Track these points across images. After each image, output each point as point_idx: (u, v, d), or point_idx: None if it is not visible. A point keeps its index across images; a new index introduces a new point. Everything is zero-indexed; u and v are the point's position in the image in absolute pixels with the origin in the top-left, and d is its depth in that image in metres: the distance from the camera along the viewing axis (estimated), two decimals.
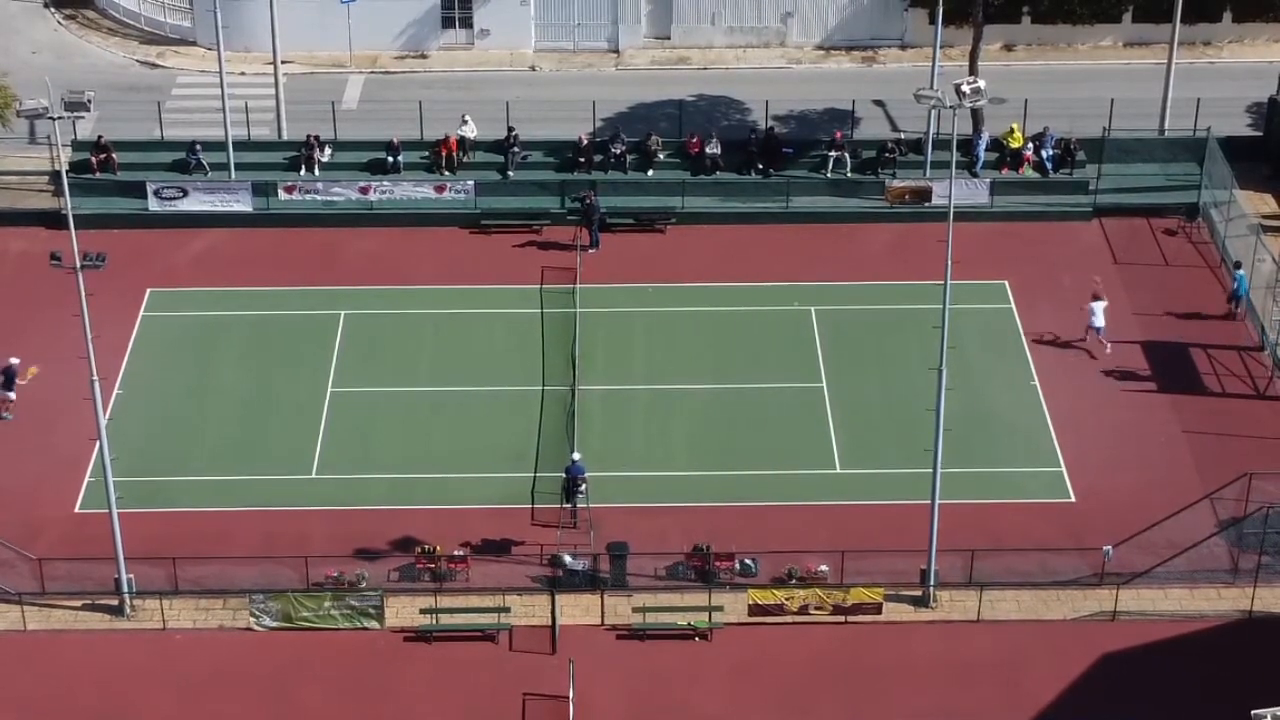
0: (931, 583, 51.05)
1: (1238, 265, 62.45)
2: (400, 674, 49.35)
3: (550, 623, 50.14)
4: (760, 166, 68.03)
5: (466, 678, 49.23)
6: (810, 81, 75.74)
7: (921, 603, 51.27)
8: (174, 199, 66.85)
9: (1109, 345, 59.81)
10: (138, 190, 66.94)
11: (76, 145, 67.46)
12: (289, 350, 60.69)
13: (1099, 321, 59.68)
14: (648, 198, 67.52)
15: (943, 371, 49.01)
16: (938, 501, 50.03)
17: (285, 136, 69.79)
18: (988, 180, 67.49)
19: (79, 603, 51.16)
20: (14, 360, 57.38)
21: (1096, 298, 60.04)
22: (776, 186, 67.62)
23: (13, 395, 57.29)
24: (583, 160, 67.99)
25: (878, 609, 50.77)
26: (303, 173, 67.81)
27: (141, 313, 61.98)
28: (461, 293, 63.39)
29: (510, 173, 68.07)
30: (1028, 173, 68.11)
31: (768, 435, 57.09)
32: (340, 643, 50.15)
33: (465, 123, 69.02)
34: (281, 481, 55.34)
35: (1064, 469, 55.65)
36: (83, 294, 47.65)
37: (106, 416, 50.67)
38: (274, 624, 50.42)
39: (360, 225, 66.84)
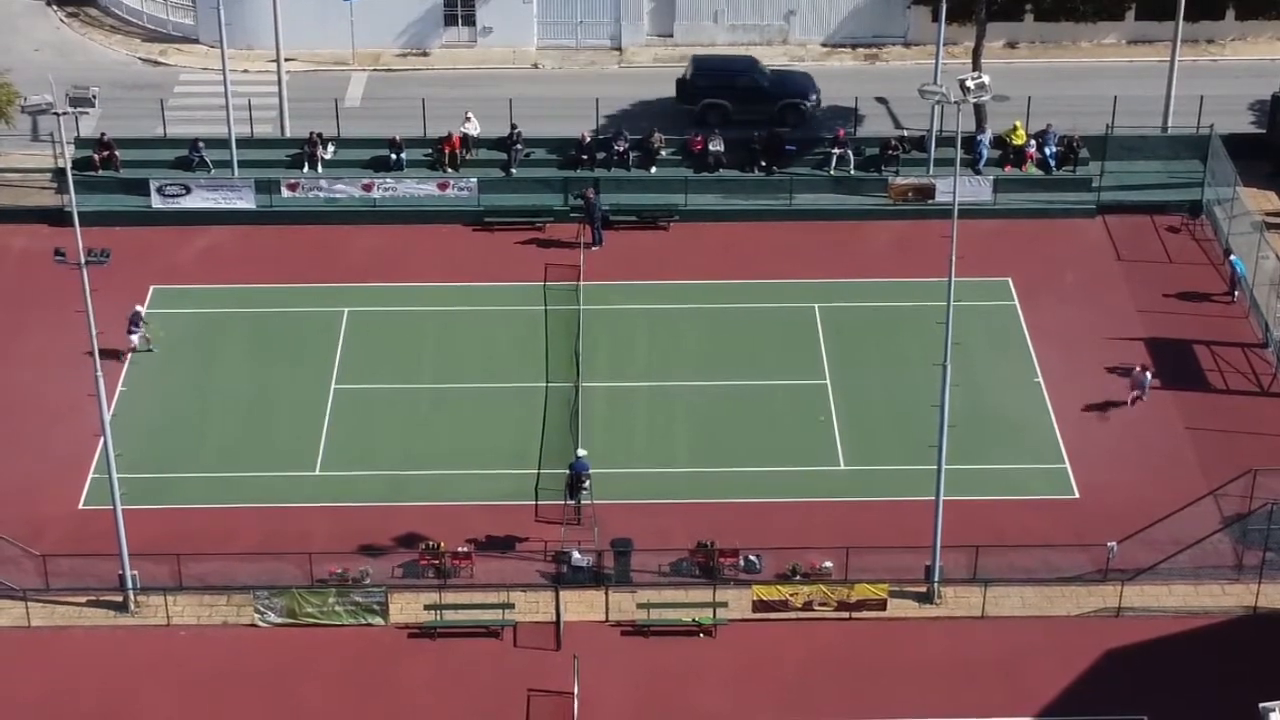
0: (936, 579, 51.04)
1: (1229, 252, 62.91)
2: (404, 670, 49.32)
3: (554, 619, 50.16)
4: (763, 164, 68.02)
5: (471, 674, 49.21)
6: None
7: (926, 599, 51.25)
8: (177, 196, 66.85)
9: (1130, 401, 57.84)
10: (140, 188, 66.97)
11: (79, 143, 67.46)
12: (292, 347, 60.69)
13: (1147, 384, 57.51)
14: (651, 195, 67.53)
15: (947, 368, 48.99)
16: (942, 498, 50.02)
17: (288, 134, 69.80)
18: (991, 178, 67.50)
19: (83, 599, 51.16)
20: (140, 308, 60.02)
21: (1145, 368, 57.85)
22: (779, 184, 67.63)
23: (134, 340, 59.42)
24: (585, 158, 68.00)
25: (882, 605, 50.75)
26: (305, 170, 67.82)
27: (145, 310, 61.89)
28: (464, 290, 63.41)
29: (513, 170, 68.06)
30: (1031, 170, 68.11)
31: (771, 432, 57.07)
32: (344, 639, 50.13)
33: (468, 120, 68.99)
34: (285, 478, 55.33)
35: (1068, 465, 55.64)
36: (87, 291, 47.64)
37: (110, 413, 50.57)
38: (278, 620, 50.40)
39: (363, 222, 66.86)
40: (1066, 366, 59.58)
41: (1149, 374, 57.75)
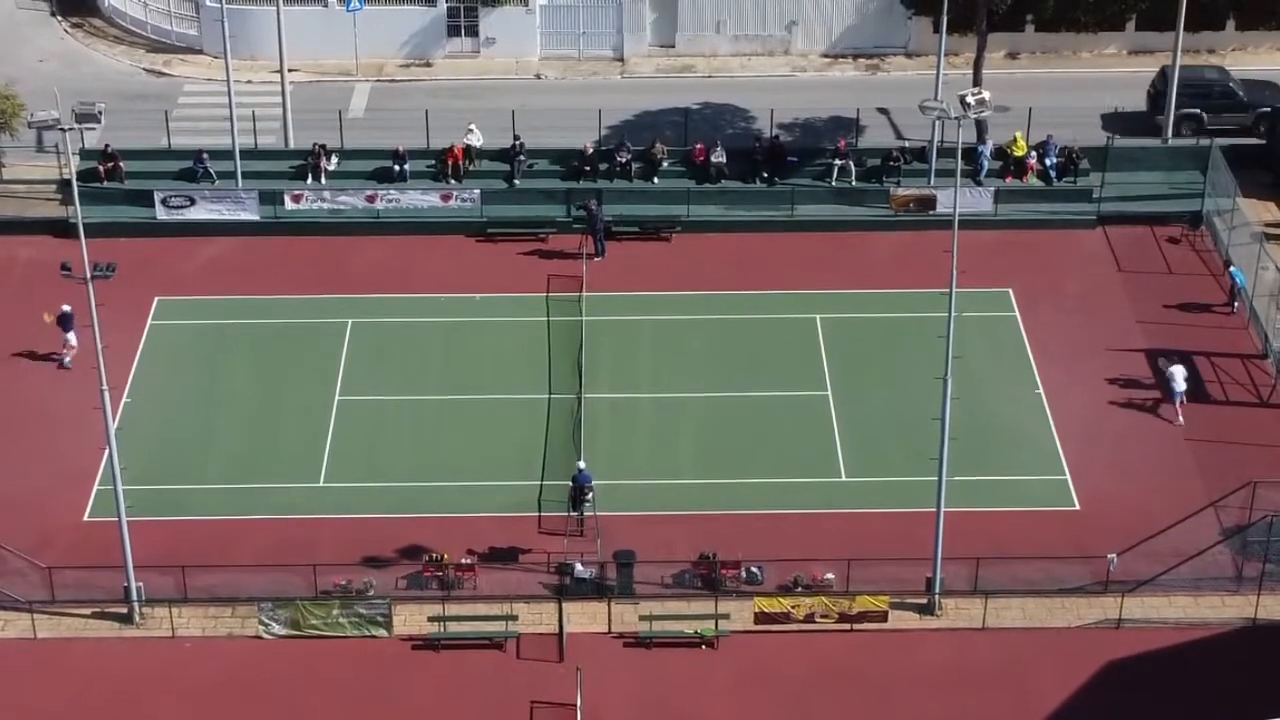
0: (937, 590, 51.23)
1: (1228, 263, 63.17)
2: (408, 682, 49.52)
3: (557, 630, 50.35)
4: (765, 175, 68.22)
5: (474, 686, 49.41)
6: (815, 89, 75.90)
7: (927, 610, 51.43)
8: (181, 207, 67.06)
9: (1180, 416, 57.77)
10: (145, 199, 67.16)
11: (84, 154, 67.56)
12: (296, 359, 60.87)
13: (1180, 386, 57.57)
14: (653, 206, 67.72)
15: (948, 380, 49.16)
16: (943, 509, 50.21)
17: (292, 145, 70.00)
18: (992, 188, 67.65)
19: (88, 611, 51.37)
20: (66, 307, 58.94)
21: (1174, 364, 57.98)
22: (781, 195, 67.83)
23: (73, 341, 58.92)
24: (588, 168, 68.23)
25: (883, 617, 50.93)
26: (309, 181, 68.04)
27: (149, 321, 62.16)
28: (468, 301, 63.58)
29: (516, 181, 68.27)
30: (1031, 181, 68.29)
31: (773, 443, 57.27)
32: (348, 651, 50.33)
33: (471, 131, 69.19)
34: (289, 490, 55.53)
35: (1068, 477, 55.83)
36: (93, 304, 47.87)
37: (115, 425, 50.78)
38: (282, 632, 50.61)
39: (367, 233, 67.03)
40: (1067, 378, 59.75)
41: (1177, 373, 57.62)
